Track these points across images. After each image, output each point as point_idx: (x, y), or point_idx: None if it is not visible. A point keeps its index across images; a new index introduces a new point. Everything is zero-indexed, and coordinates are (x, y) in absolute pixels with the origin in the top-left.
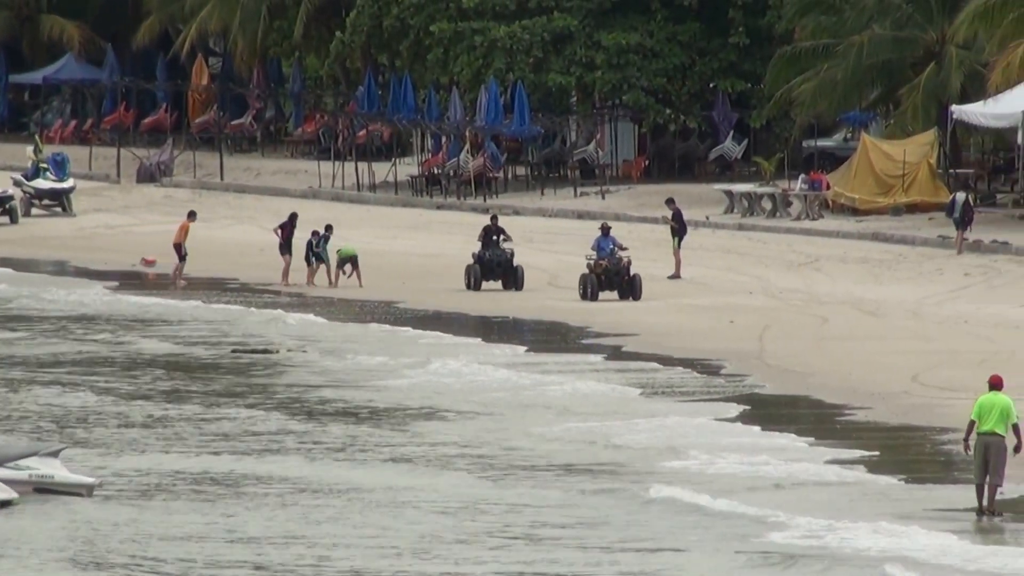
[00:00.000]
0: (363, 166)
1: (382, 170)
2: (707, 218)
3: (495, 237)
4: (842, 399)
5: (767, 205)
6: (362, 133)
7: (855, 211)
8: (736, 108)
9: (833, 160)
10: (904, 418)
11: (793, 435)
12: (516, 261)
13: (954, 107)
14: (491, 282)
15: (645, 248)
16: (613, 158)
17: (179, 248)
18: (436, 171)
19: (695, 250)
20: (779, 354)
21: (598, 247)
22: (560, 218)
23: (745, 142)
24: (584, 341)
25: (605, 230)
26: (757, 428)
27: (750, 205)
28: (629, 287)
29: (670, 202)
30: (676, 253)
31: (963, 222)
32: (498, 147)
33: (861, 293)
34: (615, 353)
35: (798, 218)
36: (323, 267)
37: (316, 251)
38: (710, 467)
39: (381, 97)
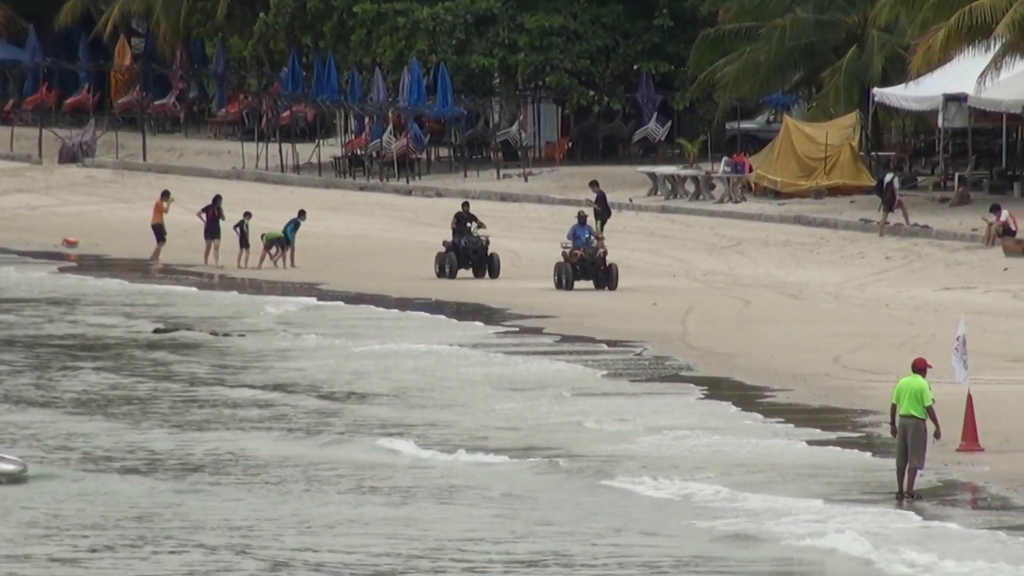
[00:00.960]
0: (287, 147)
1: (306, 151)
2: (630, 200)
3: (468, 224)
4: (764, 381)
5: (690, 188)
6: (286, 114)
7: (777, 194)
8: (660, 90)
9: (756, 143)
10: (825, 400)
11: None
12: (491, 249)
13: (876, 90)
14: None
15: (567, 231)
16: (536, 140)
17: (158, 229)
18: (359, 152)
19: (618, 232)
20: (702, 336)
21: (574, 235)
22: (483, 200)
23: (669, 124)
24: (507, 323)
25: (581, 219)
26: (701, 407)
27: (673, 187)
28: (605, 276)
29: (594, 184)
30: (599, 236)
31: (886, 204)
32: (421, 128)
33: (783, 276)
34: (537, 334)
35: (721, 201)
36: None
37: (245, 231)
38: (668, 448)
39: (305, 78)
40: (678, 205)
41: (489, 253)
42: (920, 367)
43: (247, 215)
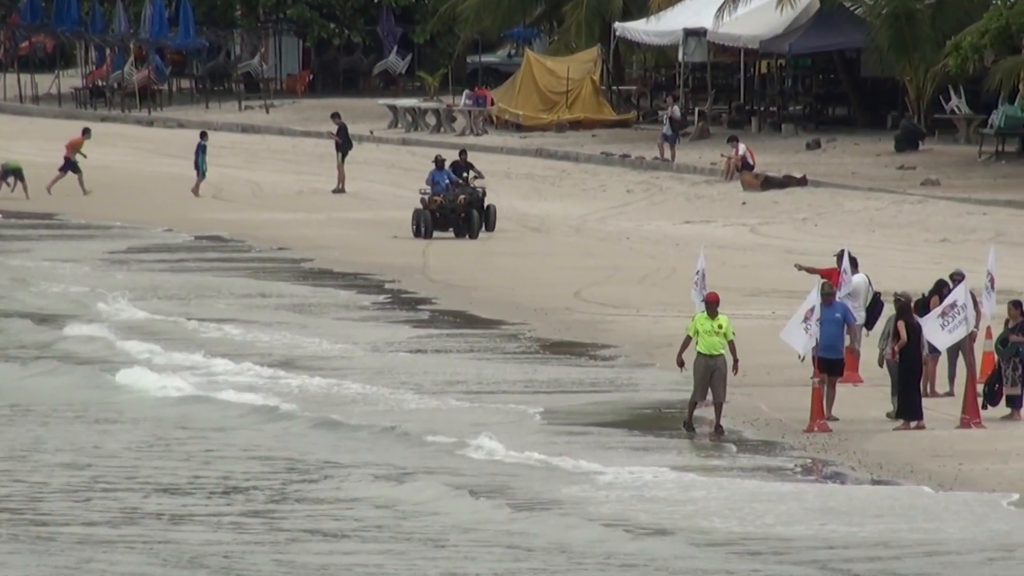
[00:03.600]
0: (26, 78)
1: (45, 82)
2: (371, 132)
3: (464, 174)
4: (503, 314)
5: (431, 120)
6: (25, 45)
7: (519, 127)
8: (400, 23)
9: (497, 76)
10: (565, 334)
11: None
12: (487, 200)
13: (617, 24)
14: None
15: (310, 162)
16: (277, 72)
17: (68, 162)
18: (100, 83)
19: (359, 165)
20: (443, 269)
21: (432, 181)
22: (225, 131)
23: (409, 57)
24: (249, 254)
25: (439, 163)
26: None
27: (414, 120)
28: (467, 224)
29: (335, 116)
30: (340, 168)
31: (674, 134)
32: (163, 60)
33: (525, 209)
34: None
35: (462, 134)
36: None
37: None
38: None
39: (44, 9)
40: (419, 138)
41: (486, 205)
42: (714, 301)
43: (203, 136)
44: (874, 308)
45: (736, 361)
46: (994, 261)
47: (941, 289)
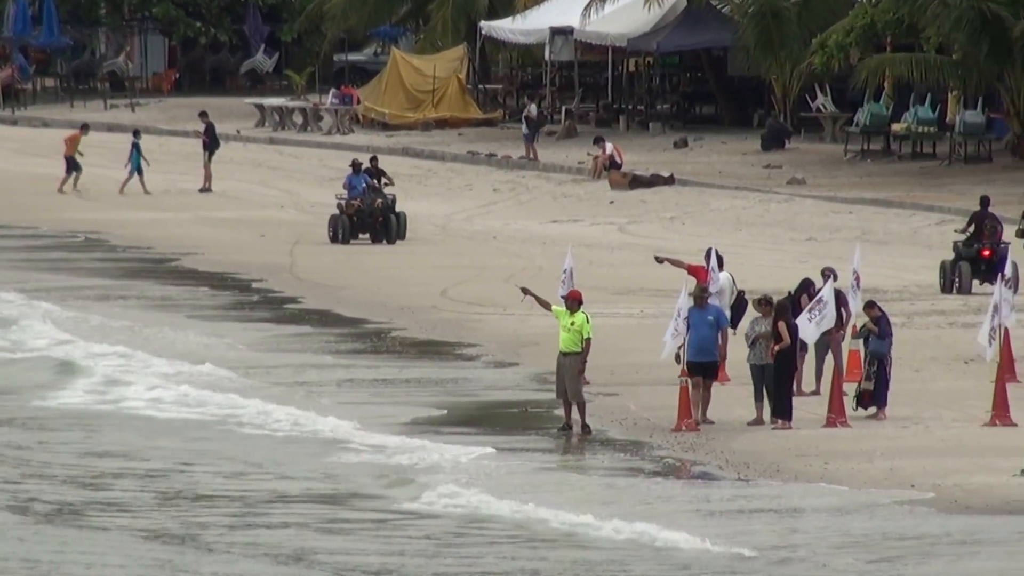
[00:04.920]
0: None
1: None
2: (238, 132)
3: (375, 180)
4: (368, 313)
5: (298, 119)
6: None
7: (385, 126)
8: (267, 21)
9: (364, 74)
10: (432, 333)
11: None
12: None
13: (483, 23)
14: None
15: (176, 162)
16: (143, 71)
17: (71, 161)
18: None
19: (226, 164)
20: (310, 268)
21: (349, 185)
22: (91, 131)
23: (276, 56)
24: (112, 253)
25: (356, 167)
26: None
27: (281, 119)
28: (384, 229)
29: (203, 115)
30: (207, 167)
31: (533, 134)
32: (26, 58)
33: None
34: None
35: (329, 132)
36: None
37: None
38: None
39: None
40: (286, 137)
41: (396, 211)
42: (574, 299)
43: (136, 133)
44: (738, 307)
45: (584, 361)
46: (860, 259)
47: (808, 288)
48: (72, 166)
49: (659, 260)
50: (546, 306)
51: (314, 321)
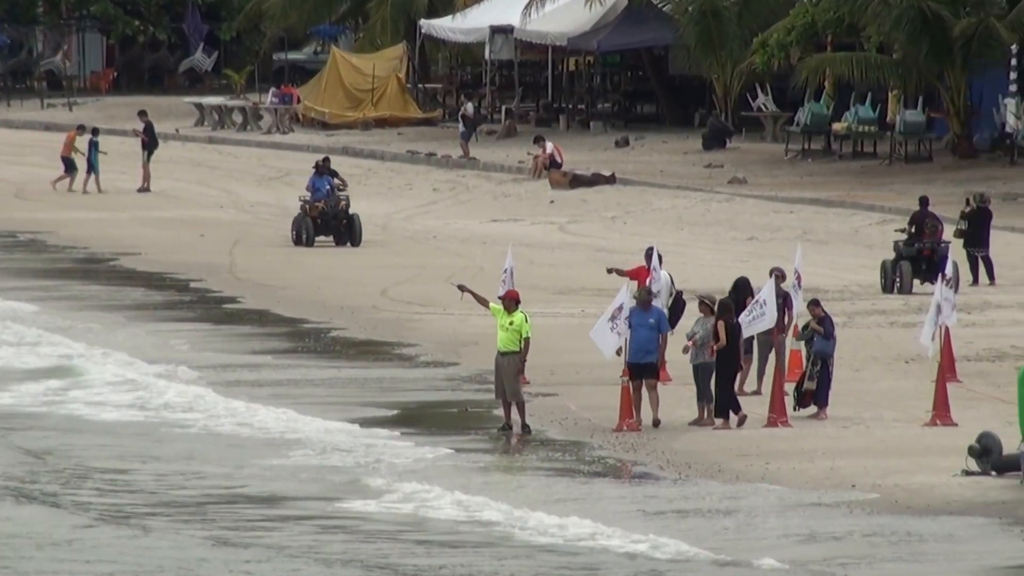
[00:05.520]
0: None
1: None
2: (177, 131)
3: (329, 184)
4: (307, 313)
5: (237, 118)
6: None
7: (325, 125)
8: (207, 20)
9: (304, 73)
10: (372, 333)
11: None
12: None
13: (423, 21)
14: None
15: (115, 161)
16: (81, 70)
17: (67, 161)
18: None
19: (165, 163)
20: (250, 268)
21: (313, 188)
22: (27, 130)
23: (215, 54)
24: (47, 253)
25: (321, 168)
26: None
27: (220, 118)
28: (348, 231)
29: (142, 114)
30: (145, 166)
31: (468, 133)
32: None
33: None
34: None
35: (269, 131)
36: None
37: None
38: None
39: None
40: (225, 136)
41: (351, 215)
42: (512, 298)
43: (95, 132)
44: (676, 307)
45: (523, 361)
46: (801, 259)
47: (748, 288)
48: (69, 166)
49: (610, 271)
50: (484, 303)
51: (253, 321)
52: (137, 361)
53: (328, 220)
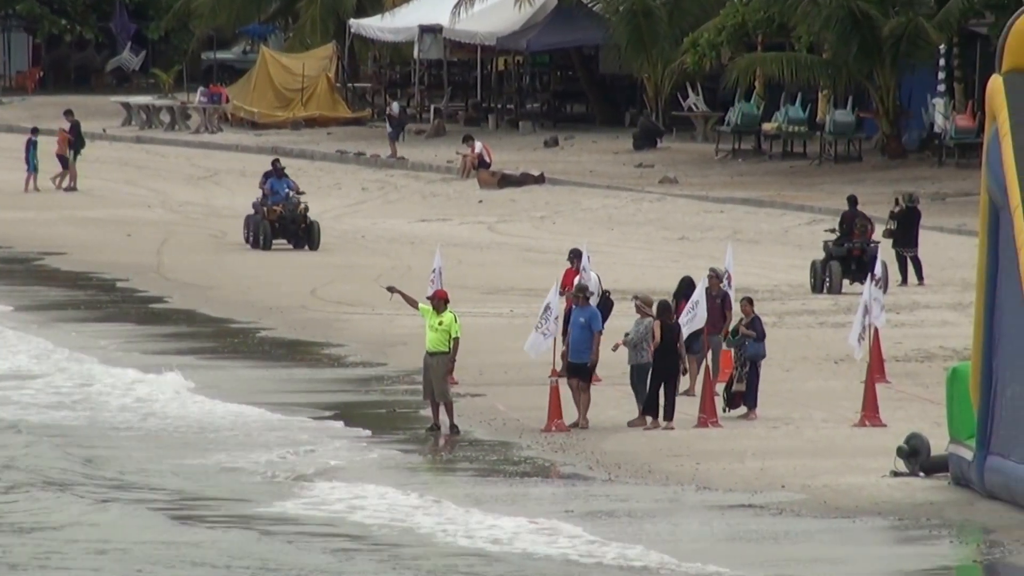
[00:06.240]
0: None
1: None
2: (104, 130)
3: (286, 188)
4: (234, 313)
5: (166, 118)
6: None
7: (255, 124)
8: (134, 19)
9: (232, 73)
10: (300, 333)
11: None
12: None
13: (352, 21)
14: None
15: (41, 160)
16: (6, 69)
17: (63, 158)
18: None
19: (92, 163)
20: (178, 268)
21: (271, 190)
22: None
23: (143, 54)
24: None
25: (279, 171)
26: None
27: (148, 118)
28: (307, 235)
29: (68, 114)
30: (72, 166)
31: (395, 132)
32: None
33: None
34: None
35: (197, 131)
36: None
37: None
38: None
39: None
40: (153, 135)
41: (309, 221)
42: (441, 298)
43: (34, 131)
44: (603, 307)
45: (452, 361)
46: (732, 259)
47: (690, 287)
48: (63, 162)
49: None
50: (413, 304)
51: (180, 321)
52: (59, 363)
53: (287, 224)
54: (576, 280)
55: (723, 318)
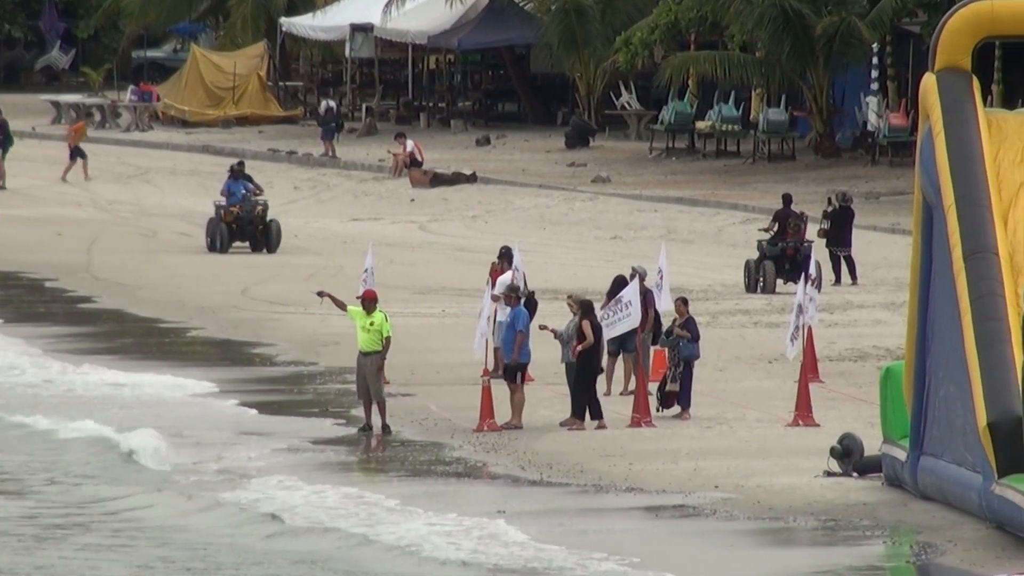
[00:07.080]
0: None
1: None
2: (33, 129)
3: (244, 189)
4: (164, 313)
5: (96, 116)
6: None
7: (185, 123)
8: (64, 18)
9: (163, 71)
10: (232, 333)
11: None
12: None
13: (283, 19)
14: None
15: None
16: None
17: (75, 149)
18: None
19: (21, 161)
20: (108, 267)
21: (228, 192)
22: None
23: (73, 52)
24: None
25: (236, 172)
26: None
27: (78, 116)
28: (265, 237)
29: None
30: (0, 164)
31: (329, 131)
32: None
33: (191, 206)
34: None
35: (128, 129)
36: None
37: None
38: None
39: None
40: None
41: (268, 221)
42: (370, 298)
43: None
44: (528, 307)
45: (383, 360)
46: (665, 258)
47: (622, 286)
48: (78, 153)
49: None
50: (342, 307)
51: (109, 320)
52: None
53: (244, 225)
54: (509, 278)
55: (646, 316)
